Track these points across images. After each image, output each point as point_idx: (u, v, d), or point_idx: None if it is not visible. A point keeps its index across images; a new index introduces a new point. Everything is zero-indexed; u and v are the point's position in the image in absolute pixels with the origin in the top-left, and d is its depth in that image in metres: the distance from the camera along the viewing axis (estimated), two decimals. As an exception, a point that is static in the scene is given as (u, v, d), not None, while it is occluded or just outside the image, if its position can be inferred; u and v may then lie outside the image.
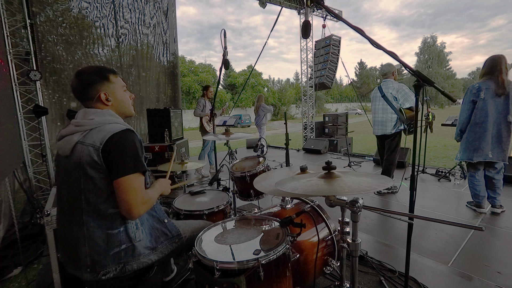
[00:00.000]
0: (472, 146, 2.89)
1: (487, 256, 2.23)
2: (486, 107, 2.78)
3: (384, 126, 3.60)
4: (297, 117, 31.13)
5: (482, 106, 2.80)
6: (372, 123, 3.84)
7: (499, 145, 2.80)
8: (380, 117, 3.62)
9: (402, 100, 3.43)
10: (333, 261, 1.59)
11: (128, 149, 1.13)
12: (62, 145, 1.16)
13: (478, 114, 2.83)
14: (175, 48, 5.71)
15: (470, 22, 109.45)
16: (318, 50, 8.70)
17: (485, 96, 2.77)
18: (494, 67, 2.76)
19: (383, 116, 3.59)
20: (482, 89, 2.78)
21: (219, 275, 1.07)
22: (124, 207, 1.10)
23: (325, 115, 8.63)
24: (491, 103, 2.76)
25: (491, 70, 2.77)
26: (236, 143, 9.23)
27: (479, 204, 3.03)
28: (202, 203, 2.02)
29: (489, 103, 2.77)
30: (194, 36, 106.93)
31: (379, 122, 3.66)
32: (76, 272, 1.16)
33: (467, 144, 2.94)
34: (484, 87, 2.78)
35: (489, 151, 2.81)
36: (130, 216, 1.13)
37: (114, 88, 1.26)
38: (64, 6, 4.07)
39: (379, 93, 3.63)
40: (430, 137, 5.71)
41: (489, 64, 2.81)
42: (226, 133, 2.55)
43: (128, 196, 1.09)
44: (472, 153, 2.89)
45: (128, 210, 1.10)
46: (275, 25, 7.05)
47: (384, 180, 1.16)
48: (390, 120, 3.55)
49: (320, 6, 3.19)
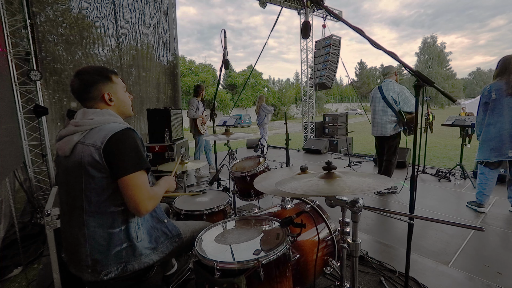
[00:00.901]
0: (488, 146, 2.92)
1: (487, 256, 2.22)
2: (498, 107, 2.82)
3: (383, 128, 3.59)
4: (297, 117, 31.13)
5: (494, 107, 2.85)
6: (372, 124, 3.83)
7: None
8: (380, 118, 3.61)
9: (402, 104, 3.43)
10: (333, 261, 1.59)
11: (130, 148, 1.13)
12: (62, 145, 1.16)
13: (491, 115, 2.88)
14: (175, 48, 5.72)
15: (470, 22, 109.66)
16: (318, 50, 8.70)
17: (497, 97, 2.82)
18: (504, 68, 2.80)
19: (383, 117, 3.58)
20: (493, 90, 2.84)
21: (219, 275, 1.07)
22: (131, 204, 1.11)
23: (325, 115, 8.63)
24: (503, 103, 2.79)
25: (502, 71, 2.82)
26: (236, 143, 9.24)
27: (481, 203, 3.04)
28: (202, 203, 2.02)
29: (502, 103, 2.80)
30: (194, 36, 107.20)
31: (378, 123, 3.65)
32: (77, 272, 1.16)
33: (483, 144, 2.98)
34: (495, 88, 2.83)
35: (508, 149, 2.81)
36: (138, 213, 1.13)
37: (116, 89, 1.27)
38: (64, 6, 4.06)
39: (379, 94, 3.61)
40: (430, 137, 5.72)
41: (500, 65, 2.86)
42: (226, 133, 2.55)
43: (134, 193, 1.10)
44: (489, 153, 2.92)
45: (135, 207, 1.11)
46: (275, 25, 7.06)
47: (384, 180, 1.16)
48: (389, 122, 3.54)
49: (320, 6, 3.19)
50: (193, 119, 4.94)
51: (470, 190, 3.74)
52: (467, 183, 4.04)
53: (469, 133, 4.10)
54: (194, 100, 4.95)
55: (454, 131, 11.82)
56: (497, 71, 2.89)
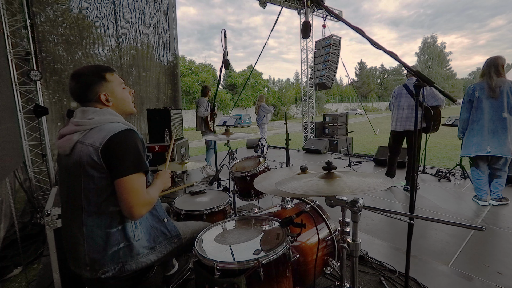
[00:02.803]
0: (470, 142, 3.15)
1: (488, 256, 2.22)
2: (481, 105, 3.03)
3: (409, 122, 3.62)
4: (297, 117, 31.12)
5: (477, 105, 3.06)
6: (393, 119, 3.83)
7: (496, 140, 2.98)
8: (406, 113, 3.65)
9: (429, 98, 3.47)
10: (333, 261, 1.59)
11: (129, 149, 1.12)
12: (62, 144, 1.15)
13: (475, 113, 3.10)
14: (175, 48, 5.72)
15: (470, 22, 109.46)
16: (318, 50, 8.70)
17: (480, 96, 3.02)
18: (487, 70, 2.99)
19: (409, 112, 3.62)
20: (477, 89, 3.05)
21: (219, 275, 1.07)
22: (125, 207, 1.09)
23: (325, 115, 8.63)
24: (485, 101, 3.00)
25: (485, 72, 3.02)
26: (236, 143, 9.24)
27: (481, 197, 3.22)
28: (202, 203, 2.02)
29: (484, 102, 3.01)
30: (194, 36, 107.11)
31: (403, 118, 3.68)
32: (77, 270, 1.17)
33: (466, 141, 3.22)
34: (478, 87, 3.04)
35: (487, 145, 3.01)
36: (132, 217, 1.12)
37: (112, 87, 1.23)
38: (64, 6, 4.07)
39: (405, 90, 3.68)
40: (430, 137, 5.72)
41: (484, 67, 3.06)
42: (226, 133, 2.55)
43: (129, 197, 1.08)
44: (470, 148, 3.14)
45: (129, 211, 1.09)
46: (275, 25, 7.07)
47: (385, 180, 1.16)
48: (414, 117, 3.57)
49: (320, 6, 3.19)
50: (202, 118, 5.13)
51: (470, 190, 3.73)
52: (467, 183, 4.04)
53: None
54: (203, 100, 5.13)
55: (454, 131, 11.80)
56: (482, 71, 3.09)
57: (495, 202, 3.15)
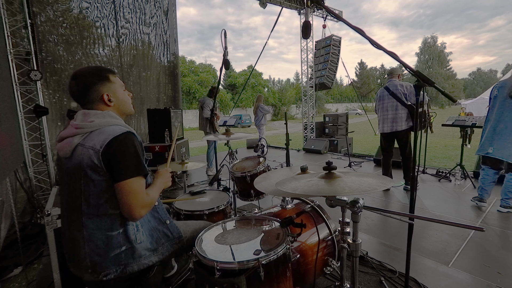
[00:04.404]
0: (480, 141, 3.06)
1: (487, 256, 2.22)
2: (496, 104, 2.89)
3: (395, 123, 3.63)
4: (297, 117, 31.11)
5: (493, 104, 2.93)
6: (380, 122, 3.85)
7: (502, 142, 2.83)
8: (391, 114, 3.65)
9: (411, 96, 3.49)
10: (333, 261, 1.59)
11: (129, 152, 1.12)
12: (62, 146, 1.15)
13: (490, 111, 2.99)
14: (176, 48, 5.71)
15: (470, 22, 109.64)
16: (318, 50, 8.70)
17: (498, 94, 2.88)
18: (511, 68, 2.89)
19: (394, 112, 3.62)
20: (497, 87, 2.91)
21: (220, 275, 1.07)
22: (126, 209, 1.10)
23: (325, 115, 8.62)
24: (501, 101, 2.85)
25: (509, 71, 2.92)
26: (236, 143, 9.23)
27: (481, 198, 3.14)
28: (202, 203, 2.02)
29: (500, 101, 2.86)
30: (194, 37, 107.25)
31: (389, 119, 3.68)
32: (77, 272, 1.17)
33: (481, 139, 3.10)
34: (499, 85, 2.90)
35: (489, 146, 2.91)
36: (132, 218, 1.13)
37: (115, 88, 1.24)
38: (64, 6, 4.06)
39: (386, 92, 3.68)
40: (430, 138, 5.71)
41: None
42: (227, 133, 2.55)
43: (130, 199, 1.09)
44: (479, 147, 3.06)
45: (129, 213, 1.10)
46: (275, 25, 7.06)
47: (385, 181, 1.16)
48: (400, 117, 3.59)
49: (320, 7, 3.18)
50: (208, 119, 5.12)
51: (471, 191, 3.73)
52: (467, 184, 4.04)
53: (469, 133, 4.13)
54: (210, 101, 5.12)
55: (454, 131, 11.78)
56: None
57: (503, 209, 2.98)
